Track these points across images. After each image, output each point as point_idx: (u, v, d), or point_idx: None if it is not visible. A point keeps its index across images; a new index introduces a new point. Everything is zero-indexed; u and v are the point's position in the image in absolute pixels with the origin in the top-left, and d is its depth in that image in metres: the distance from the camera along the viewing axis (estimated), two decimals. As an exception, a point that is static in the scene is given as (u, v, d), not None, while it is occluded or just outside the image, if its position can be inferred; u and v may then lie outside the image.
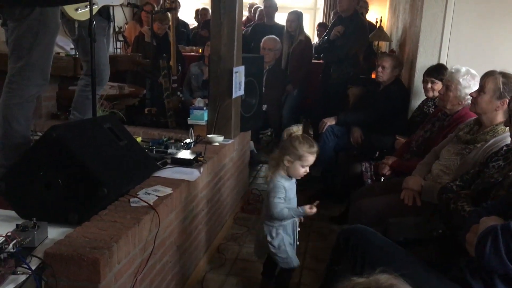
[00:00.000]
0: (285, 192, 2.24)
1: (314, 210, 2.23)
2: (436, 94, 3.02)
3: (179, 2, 7.21)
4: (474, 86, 2.52)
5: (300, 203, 3.85)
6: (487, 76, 2.19)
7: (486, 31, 3.37)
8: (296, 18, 5.11)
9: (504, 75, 2.15)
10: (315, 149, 2.25)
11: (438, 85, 3.05)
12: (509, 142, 1.96)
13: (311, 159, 2.24)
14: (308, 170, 2.28)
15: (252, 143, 4.25)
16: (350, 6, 4.54)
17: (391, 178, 2.86)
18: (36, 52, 2.38)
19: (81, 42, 2.97)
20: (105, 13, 3.04)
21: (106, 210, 1.85)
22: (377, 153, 3.53)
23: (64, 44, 3.78)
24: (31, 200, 1.80)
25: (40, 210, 1.77)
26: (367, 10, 6.58)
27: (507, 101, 2.04)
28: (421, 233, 1.89)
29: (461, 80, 2.62)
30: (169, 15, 5.06)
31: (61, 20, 2.92)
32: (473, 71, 2.64)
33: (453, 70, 2.68)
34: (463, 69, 2.65)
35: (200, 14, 7.45)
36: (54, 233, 1.71)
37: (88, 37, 2.58)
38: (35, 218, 1.65)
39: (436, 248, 1.81)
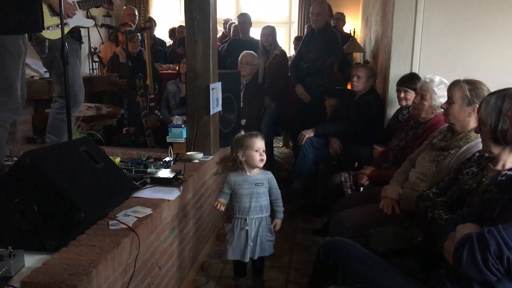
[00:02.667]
0: (231, 187, 2.52)
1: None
2: (410, 103, 3.07)
3: (154, 21, 7.25)
4: None
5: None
6: (453, 86, 2.26)
7: (456, 39, 3.46)
8: (271, 32, 5.16)
9: (468, 82, 2.22)
10: (254, 133, 2.53)
11: (411, 94, 3.11)
12: (481, 148, 2.00)
13: (258, 142, 2.48)
14: (264, 155, 2.49)
15: (232, 158, 4.24)
16: (324, 21, 4.61)
17: (370, 187, 2.88)
18: (3, 77, 2.35)
19: (54, 64, 2.96)
20: (76, 34, 3.03)
21: (84, 235, 1.83)
22: (356, 163, 3.57)
23: (38, 67, 3.75)
24: (6, 228, 1.77)
25: (16, 238, 1.73)
26: (344, 22, 6.65)
27: (477, 105, 2.10)
28: (401, 242, 1.90)
29: (436, 89, 2.67)
30: (138, 34, 5.08)
31: (31, 41, 2.91)
32: (445, 81, 2.69)
33: (427, 80, 2.73)
34: (437, 79, 2.71)
35: (177, 31, 7.48)
36: (31, 261, 1.67)
37: (61, 59, 2.57)
38: (11, 247, 1.61)
39: (416, 257, 1.82)
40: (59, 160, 1.95)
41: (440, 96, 2.66)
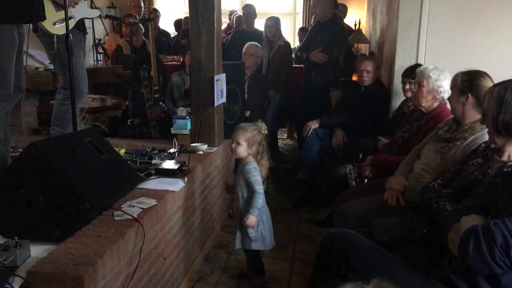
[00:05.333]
0: None
1: None
2: (415, 94, 3.07)
3: (159, 12, 7.22)
4: (444, 79, 2.68)
5: (287, 207, 3.87)
6: (452, 78, 2.32)
7: (462, 30, 3.43)
8: (274, 23, 5.14)
9: (465, 73, 2.25)
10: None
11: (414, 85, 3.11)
12: (487, 139, 1.99)
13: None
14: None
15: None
16: (326, 12, 4.56)
17: (375, 179, 2.88)
18: None
19: (57, 55, 2.95)
20: (81, 25, 3.03)
21: (90, 225, 1.84)
22: (361, 155, 3.56)
23: (42, 59, 3.75)
24: (12, 219, 1.78)
25: (22, 228, 1.74)
26: (345, 15, 6.58)
27: (469, 96, 2.18)
28: (405, 233, 1.90)
29: (431, 74, 2.73)
30: (141, 26, 5.07)
31: (37, 33, 2.91)
32: (440, 68, 2.76)
33: (421, 69, 2.82)
34: (431, 66, 2.78)
35: (184, 23, 7.45)
36: (37, 251, 1.68)
37: (65, 51, 2.56)
38: (17, 237, 1.62)
39: (421, 248, 1.82)
40: (64, 151, 1.96)
41: (436, 79, 2.71)
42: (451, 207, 1.79)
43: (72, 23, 2.89)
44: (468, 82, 2.20)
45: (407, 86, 3.24)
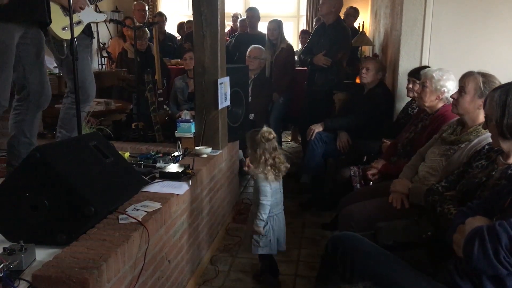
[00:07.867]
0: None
1: None
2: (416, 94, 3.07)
3: (165, 16, 7.24)
4: (448, 79, 2.70)
5: (291, 210, 3.88)
6: (467, 77, 2.23)
7: (466, 31, 3.42)
8: (277, 26, 5.14)
9: (483, 75, 2.21)
10: None
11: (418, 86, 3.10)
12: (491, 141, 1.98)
13: None
14: None
15: (241, 152, 4.25)
16: (331, 14, 4.56)
17: (379, 182, 2.87)
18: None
19: (65, 60, 2.97)
20: (87, 30, 3.05)
21: (95, 229, 1.84)
22: (365, 157, 3.55)
23: (47, 63, 3.76)
24: (17, 222, 1.78)
25: (27, 232, 1.75)
26: (355, 19, 6.53)
27: None
28: (410, 236, 1.89)
29: (434, 74, 2.75)
30: (147, 30, 5.09)
31: (46, 38, 2.93)
32: (444, 68, 2.78)
33: (426, 70, 2.87)
34: (435, 68, 2.83)
35: (186, 27, 7.47)
36: (42, 254, 1.69)
37: (71, 55, 2.58)
38: (22, 241, 1.63)
39: (426, 251, 1.82)
40: (69, 155, 1.96)
41: (439, 79, 2.74)
42: (455, 210, 1.78)
43: (80, 28, 2.92)
44: (487, 84, 2.17)
45: (411, 85, 3.23)
